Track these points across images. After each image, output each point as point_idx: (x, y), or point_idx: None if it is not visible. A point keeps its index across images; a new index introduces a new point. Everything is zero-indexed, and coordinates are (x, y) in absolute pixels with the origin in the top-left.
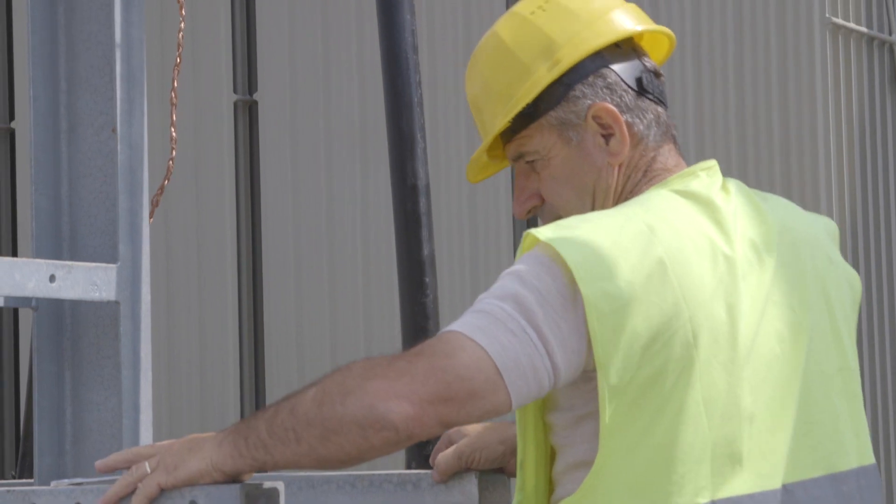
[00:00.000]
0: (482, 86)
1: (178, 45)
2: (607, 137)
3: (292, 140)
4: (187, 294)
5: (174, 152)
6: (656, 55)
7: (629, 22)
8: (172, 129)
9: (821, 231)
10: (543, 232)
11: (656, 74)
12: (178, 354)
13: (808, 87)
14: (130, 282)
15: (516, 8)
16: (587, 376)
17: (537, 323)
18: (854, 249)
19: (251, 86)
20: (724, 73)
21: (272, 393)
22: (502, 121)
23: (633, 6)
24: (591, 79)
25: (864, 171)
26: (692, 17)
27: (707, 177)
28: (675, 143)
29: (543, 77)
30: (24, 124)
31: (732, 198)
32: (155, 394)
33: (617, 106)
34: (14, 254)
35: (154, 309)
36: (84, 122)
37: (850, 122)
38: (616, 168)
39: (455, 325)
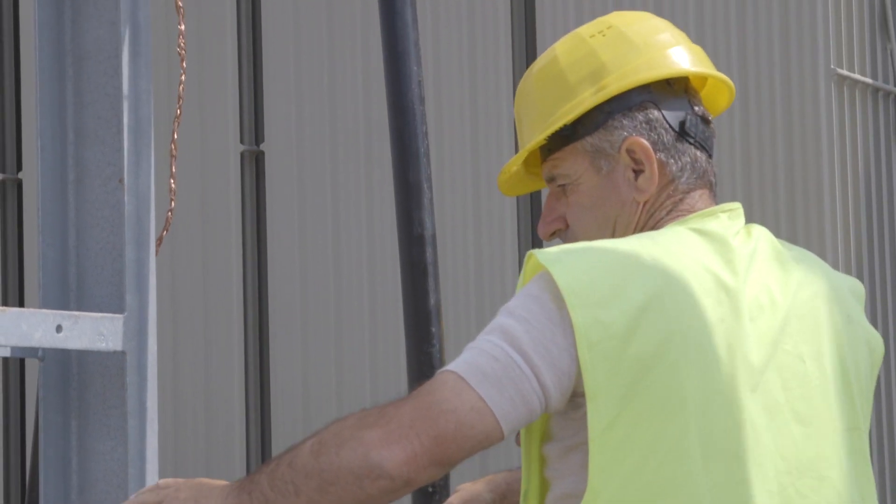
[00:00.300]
0: (527, 99)
1: (179, 97)
2: (637, 173)
3: (299, 190)
4: (194, 344)
5: (173, 203)
6: (716, 103)
7: (685, 62)
8: (172, 181)
9: (844, 289)
10: (545, 254)
11: (704, 120)
12: (185, 404)
13: (813, 138)
14: (137, 332)
15: (580, 29)
16: (576, 402)
17: (522, 347)
18: None
19: (258, 136)
20: (729, 123)
21: (278, 443)
22: (538, 137)
23: (697, 48)
24: (632, 111)
25: (870, 222)
26: None
27: (728, 219)
28: (710, 189)
29: (586, 100)
30: (32, 175)
31: (753, 241)
32: (161, 443)
33: (653, 143)
34: (21, 304)
35: (160, 359)
36: (91, 173)
37: (856, 173)
38: (641, 205)
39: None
